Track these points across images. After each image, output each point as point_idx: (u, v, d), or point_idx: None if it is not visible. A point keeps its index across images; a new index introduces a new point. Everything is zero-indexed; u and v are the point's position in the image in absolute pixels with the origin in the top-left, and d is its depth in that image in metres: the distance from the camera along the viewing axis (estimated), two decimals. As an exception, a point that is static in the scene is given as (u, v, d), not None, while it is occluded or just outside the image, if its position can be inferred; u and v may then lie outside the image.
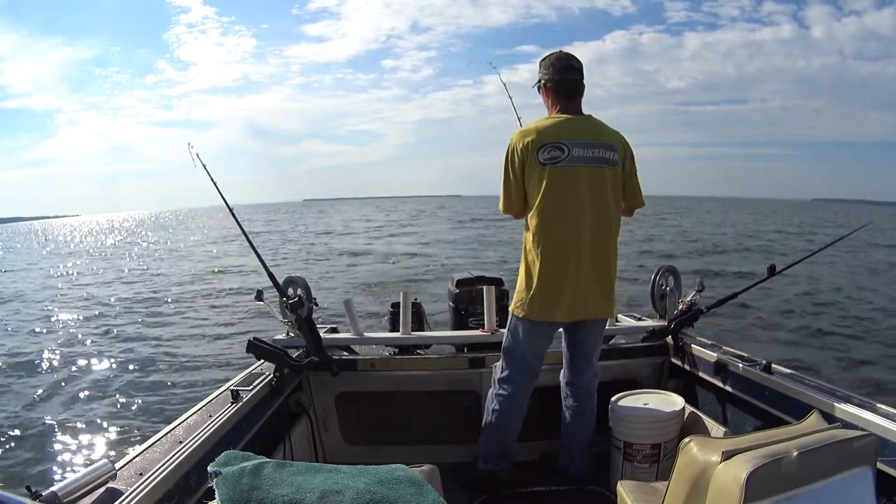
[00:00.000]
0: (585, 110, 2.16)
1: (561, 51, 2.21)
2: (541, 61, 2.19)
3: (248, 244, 2.48)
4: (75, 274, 18.14)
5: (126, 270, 18.05)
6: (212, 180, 2.42)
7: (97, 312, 10.79)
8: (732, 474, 1.16)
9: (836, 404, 1.72)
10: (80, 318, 10.35)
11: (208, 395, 1.99)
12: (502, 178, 2.16)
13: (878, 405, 1.68)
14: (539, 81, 2.18)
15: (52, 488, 1.15)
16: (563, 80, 2.12)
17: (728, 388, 2.24)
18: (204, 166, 2.40)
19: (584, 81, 2.14)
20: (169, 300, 11.89)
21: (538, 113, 2.24)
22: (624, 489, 1.65)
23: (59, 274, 18.31)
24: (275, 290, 2.46)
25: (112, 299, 12.36)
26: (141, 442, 1.58)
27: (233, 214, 2.50)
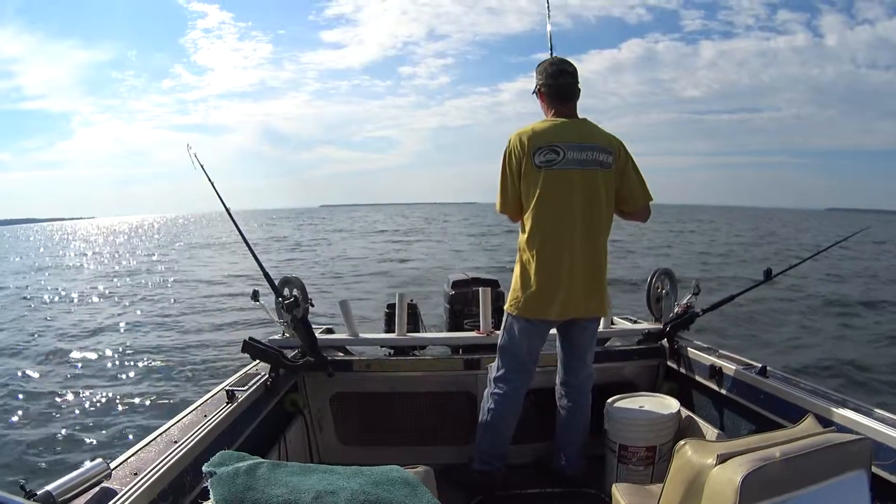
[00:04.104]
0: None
1: (554, 56, 2.24)
2: (536, 68, 2.23)
3: (246, 246, 2.48)
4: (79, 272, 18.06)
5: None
6: (211, 183, 2.41)
7: (91, 312, 10.74)
8: (727, 477, 1.16)
9: (831, 408, 1.72)
10: (75, 318, 10.30)
11: (203, 394, 1.98)
12: (500, 178, 2.18)
13: (874, 409, 1.68)
14: (536, 87, 2.21)
15: (47, 487, 1.14)
16: (557, 85, 2.15)
17: (723, 392, 2.25)
18: (202, 168, 2.38)
19: (579, 86, 2.16)
20: (168, 300, 11.86)
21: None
22: (618, 492, 1.66)
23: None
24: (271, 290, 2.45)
25: (109, 301, 12.31)
26: (136, 441, 1.57)
27: (230, 215, 2.49)
